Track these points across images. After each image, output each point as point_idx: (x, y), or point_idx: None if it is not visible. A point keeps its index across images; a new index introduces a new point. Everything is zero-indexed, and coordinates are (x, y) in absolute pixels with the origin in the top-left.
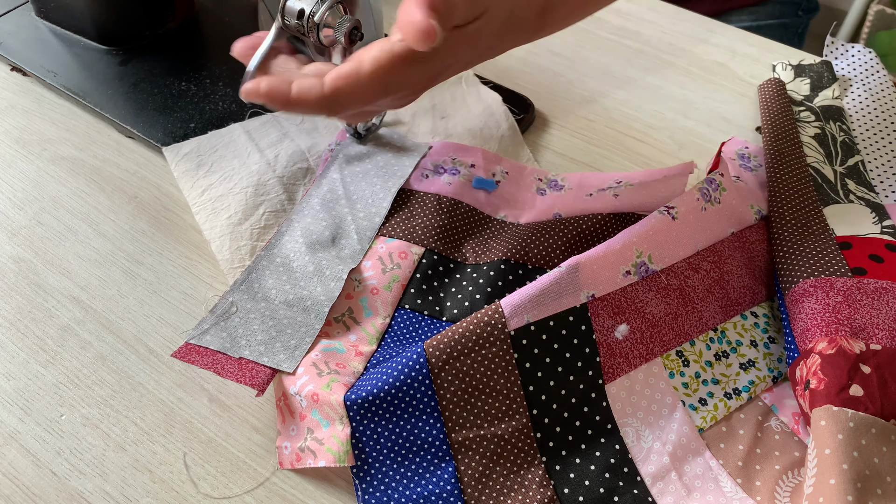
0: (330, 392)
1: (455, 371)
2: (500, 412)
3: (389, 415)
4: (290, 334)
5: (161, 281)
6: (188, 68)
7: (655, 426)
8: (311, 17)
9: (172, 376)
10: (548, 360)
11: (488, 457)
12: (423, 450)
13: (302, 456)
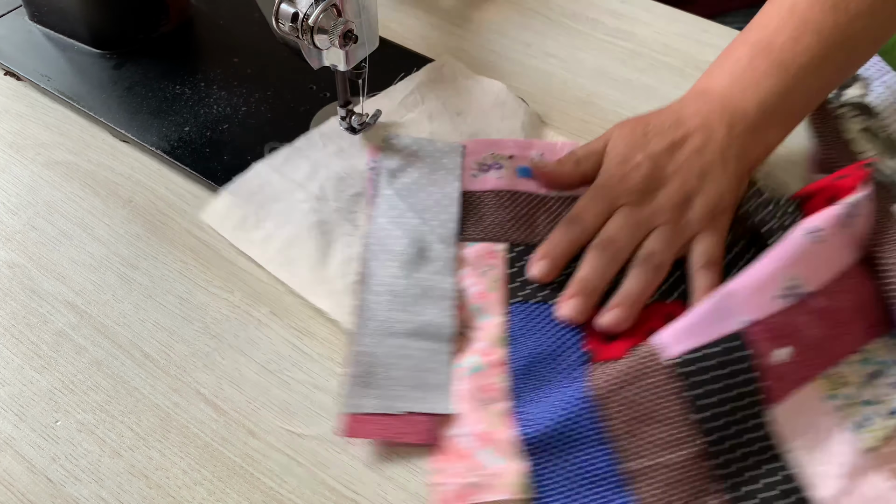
0: (500, 430)
1: (620, 403)
2: (671, 441)
3: (561, 449)
4: (432, 369)
5: (156, 285)
6: (183, 72)
7: (822, 449)
8: (305, 21)
9: (168, 381)
10: (710, 388)
11: (666, 484)
12: (599, 480)
13: (473, 491)
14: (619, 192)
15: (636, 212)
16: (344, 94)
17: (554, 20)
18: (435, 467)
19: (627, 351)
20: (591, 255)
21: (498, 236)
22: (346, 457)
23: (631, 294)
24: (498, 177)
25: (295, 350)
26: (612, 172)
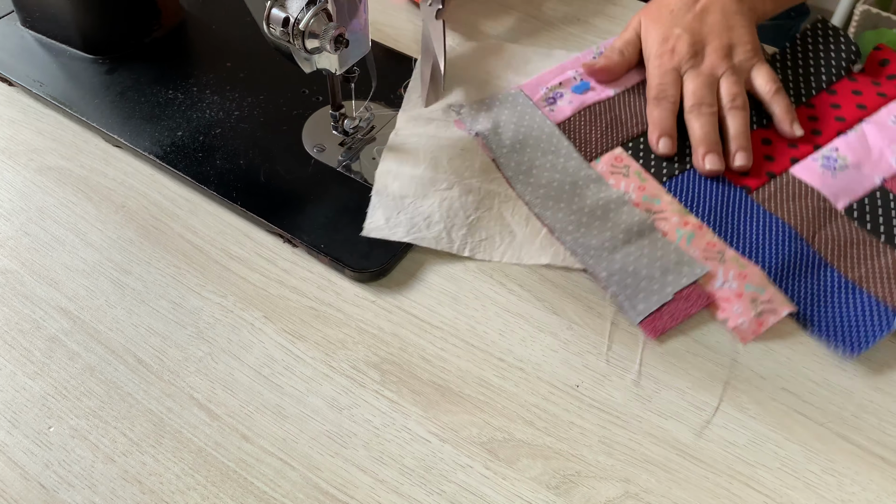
0: (746, 269)
1: (822, 239)
2: (873, 254)
3: (795, 274)
4: (663, 254)
5: (149, 290)
6: (175, 76)
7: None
8: (296, 25)
9: (161, 386)
10: (876, 224)
11: (884, 280)
12: (838, 290)
13: (763, 319)
14: (676, 62)
15: (700, 72)
16: (336, 98)
17: (545, 22)
18: (721, 317)
19: (764, 174)
20: (694, 119)
21: (608, 144)
22: (339, 461)
23: (740, 134)
24: (569, 101)
25: (287, 354)
26: (661, 50)
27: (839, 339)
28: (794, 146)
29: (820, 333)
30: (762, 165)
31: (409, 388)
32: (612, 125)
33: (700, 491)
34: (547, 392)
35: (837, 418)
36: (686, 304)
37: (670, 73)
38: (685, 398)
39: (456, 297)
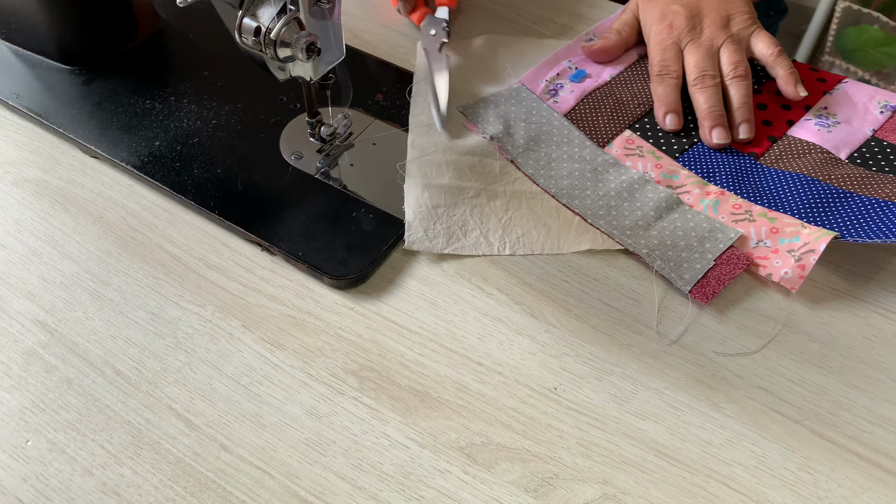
0: (776, 222)
1: (840, 177)
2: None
3: (828, 213)
4: (695, 224)
5: (128, 301)
6: (152, 86)
7: None
8: (268, 35)
9: (140, 397)
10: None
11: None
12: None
13: (804, 264)
14: (675, 36)
15: (700, 44)
16: (312, 106)
17: (522, 25)
18: (765, 273)
19: (766, 140)
20: (698, 92)
21: (617, 128)
22: (318, 468)
23: (743, 105)
24: (570, 91)
25: (266, 363)
26: (660, 27)
27: (890, 236)
28: (788, 108)
29: (868, 239)
30: (762, 131)
31: (387, 394)
32: (616, 109)
33: (677, 491)
34: (525, 395)
35: (813, 415)
36: (729, 266)
37: (671, 48)
38: (662, 399)
39: (434, 302)
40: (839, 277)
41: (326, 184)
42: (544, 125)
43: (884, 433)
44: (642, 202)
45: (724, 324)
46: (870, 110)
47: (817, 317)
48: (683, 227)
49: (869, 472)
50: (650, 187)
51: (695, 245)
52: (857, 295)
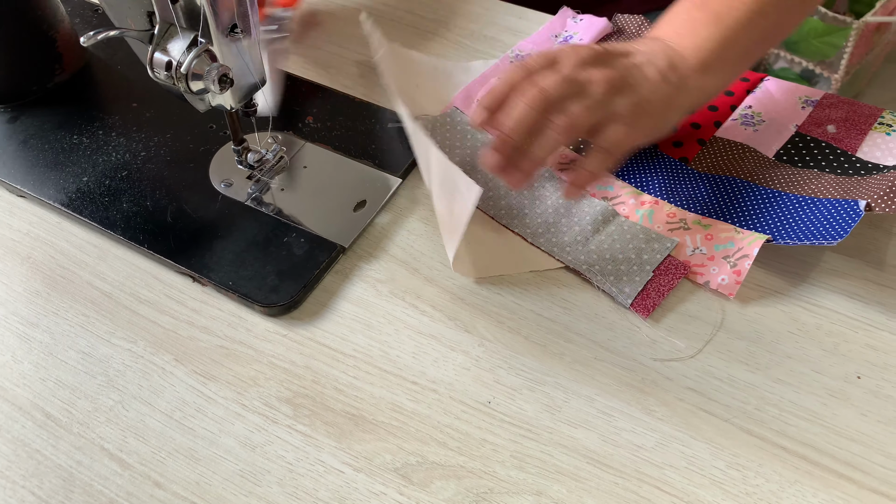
0: (710, 229)
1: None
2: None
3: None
4: (633, 235)
5: (57, 342)
6: (80, 121)
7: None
8: (178, 69)
9: (70, 439)
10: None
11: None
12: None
13: (739, 269)
14: (566, 54)
15: (573, 72)
16: (237, 133)
17: (452, 41)
18: (702, 281)
19: (696, 143)
20: (515, 98)
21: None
22: (253, 499)
23: (530, 155)
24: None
25: (199, 396)
26: (567, 49)
27: (817, 238)
28: (715, 109)
29: (798, 241)
30: (692, 134)
31: (321, 419)
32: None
33: (610, 497)
34: (459, 411)
35: (741, 413)
36: (667, 277)
37: (548, 57)
38: (594, 405)
39: (368, 323)
40: (764, 274)
41: (257, 210)
42: (478, 147)
43: (809, 426)
44: (579, 217)
45: (653, 327)
46: (791, 105)
47: (744, 315)
48: (621, 239)
49: (796, 466)
50: (586, 201)
51: (633, 258)
52: (781, 290)
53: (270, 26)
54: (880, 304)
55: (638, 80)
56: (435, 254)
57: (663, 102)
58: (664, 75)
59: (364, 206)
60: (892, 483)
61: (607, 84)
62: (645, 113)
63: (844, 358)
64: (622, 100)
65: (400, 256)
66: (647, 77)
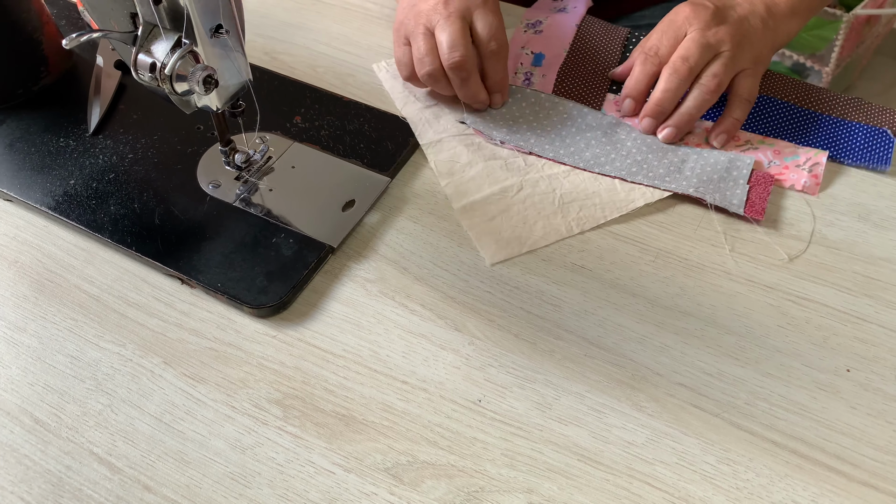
0: (776, 144)
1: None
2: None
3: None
4: (717, 156)
5: (45, 346)
6: (66, 123)
7: None
8: (162, 70)
9: (59, 444)
10: None
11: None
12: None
13: (816, 173)
14: (688, 19)
15: (705, 35)
16: (223, 134)
17: None
18: (788, 186)
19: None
20: (666, 76)
21: (601, 94)
22: (243, 501)
23: (686, 114)
24: (542, 76)
25: (188, 398)
26: (682, 9)
27: (868, 161)
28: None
29: (852, 162)
30: None
31: (312, 420)
32: (590, 79)
33: (601, 494)
34: (450, 410)
35: (731, 407)
36: (761, 186)
37: (674, 34)
38: (584, 402)
39: (358, 323)
40: (753, 268)
41: (245, 211)
42: (541, 110)
43: (799, 419)
44: (662, 152)
45: (641, 323)
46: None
47: (733, 309)
48: (706, 164)
49: (786, 460)
50: (663, 138)
51: (725, 176)
52: (770, 284)
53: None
54: (869, 298)
55: (750, 32)
56: (424, 252)
57: (769, 49)
58: (765, 23)
59: (353, 205)
60: (881, 475)
61: (733, 43)
62: (760, 59)
63: (834, 351)
64: (746, 54)
65: (389, 256)
66: (755, 28)
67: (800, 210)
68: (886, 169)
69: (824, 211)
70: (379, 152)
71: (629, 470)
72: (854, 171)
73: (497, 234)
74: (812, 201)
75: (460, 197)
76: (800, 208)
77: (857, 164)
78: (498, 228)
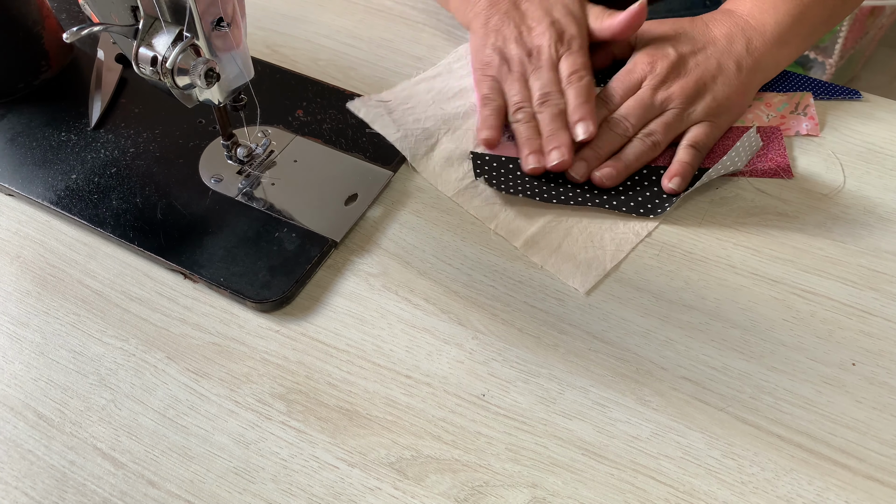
0: (762, 100)
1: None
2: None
3: None
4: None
5: (48, 342)
6: (67, 117)
7: None
8: (164, 63)
9: (63, 439)
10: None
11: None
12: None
13: (812, 115)
14: (644, 74)
15: (652, 95)
16: (225, 128)
17: (444, 31)
18: (793, 132)
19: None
20: (604, 127)
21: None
22: (248, 496)
23: (623, 159)
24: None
25: (192, 393)
26: (642, 59)
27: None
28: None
29: (830, 97)
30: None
31: (315, 415)
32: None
33: (605, 488)
34: (454, 405)
35: (736, 401)
36: (773, 141)
37: (628, 86)
38: (589, 397)
39: (361, 317)
40: (758, 262)
41: (248, 205)
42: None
43: (804, 413)
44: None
45: (646, 317)
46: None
47: (738, 303)
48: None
49: (791, 454)
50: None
51: (738, 146)
52: (775, 278)
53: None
54: (875, 291)
55: (713, 81)
56: (427, 246)
57: (739, 93)
58: (740, 64)
59: (356, 199)
60: (887, 469)
61: (684, 98)
62: (722, 109)
63: (839, 345)
64: (699, 105)
65: (392, 250)
66: (725, 71)
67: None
68: (859, 99)
69: (829, 204)
70: (381, 146)
71: (633, 464)
72: (859, 165)
73: (573, 260)
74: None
75: (517, 234)
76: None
77: (830, 98)
78: (571, 254)
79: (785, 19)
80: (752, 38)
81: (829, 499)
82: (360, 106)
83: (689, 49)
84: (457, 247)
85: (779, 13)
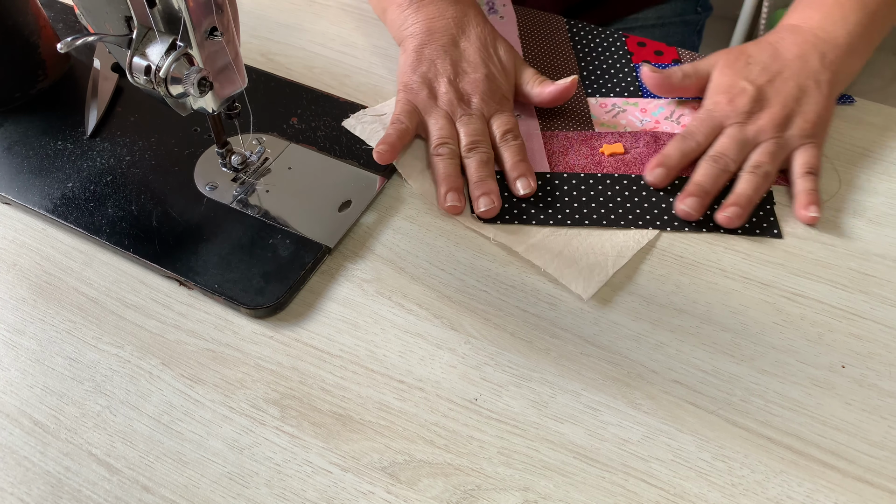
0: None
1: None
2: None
3: None
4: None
5: (44, 349)
6: (64, 126)
7: None
8: (157, 73)
9: (58, 445)
10: None
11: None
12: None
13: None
14: (727, 113)
15: (742, 130)
16: (219, 136)
17: None
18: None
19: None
20: (704, 165)
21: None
22: (241, 501)
23: (743, 195)
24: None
25: (186, 399)
26: (720, 98)
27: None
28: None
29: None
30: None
31: (309, 420)
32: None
33: (597, 491)
34: (446, 409)
35: (726, 404)
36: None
37: (712, 122)
38: (580, 400)
39: (355, 323)
40: (748, 265)
41: (242, 212)
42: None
43: (794, 416)
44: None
45: (637, 321)
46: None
47: (728, 306)
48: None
49: (781, 456)
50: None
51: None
52: (766, 281)
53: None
54: (864, 294)
55: (799, 102)
56: (420, 252)
57: (825, 107)
58: (818, 80)
59: (349, 205)
60: (876, 471)
61: (775, 127)
62: (817, 127)
63: (829, 348)
64: (793, 129)
65: (386, 256)
66: (806, 90)
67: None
68: (852, 103)
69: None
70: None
71: (625, 467)
72: (849, 168)
73: (575, 265)
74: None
75: (519, 241)
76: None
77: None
78: (573, 259)
79: (856, 29)
80: (825, 53)
81: (819, 500)
82: (356, 123)
83: (765, 79)
84: (450, 252)
85: (849, 24)
